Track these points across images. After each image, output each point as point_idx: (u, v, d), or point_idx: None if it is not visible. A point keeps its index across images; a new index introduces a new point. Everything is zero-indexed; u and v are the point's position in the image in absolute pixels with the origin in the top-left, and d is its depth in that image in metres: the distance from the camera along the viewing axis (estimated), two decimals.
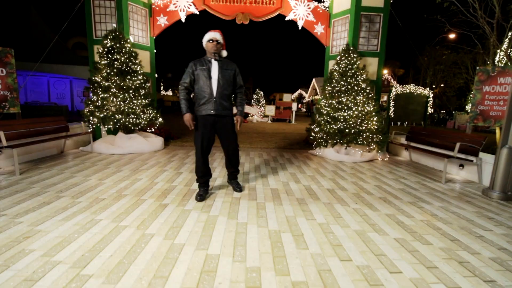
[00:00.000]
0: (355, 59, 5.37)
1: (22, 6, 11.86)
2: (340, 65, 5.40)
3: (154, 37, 6.48)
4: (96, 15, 5.68)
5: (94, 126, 5.06)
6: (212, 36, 2.83)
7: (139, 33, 6.16)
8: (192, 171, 4.11)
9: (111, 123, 4.86)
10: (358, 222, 2.50)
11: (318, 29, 6.60)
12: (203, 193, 2.98)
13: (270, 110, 14.76)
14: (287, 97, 16.01)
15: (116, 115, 4.85)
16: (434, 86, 20.95)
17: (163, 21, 6.37)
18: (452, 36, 17.53)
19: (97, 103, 4.89)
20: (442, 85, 21.24)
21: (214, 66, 2.84)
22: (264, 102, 18.17)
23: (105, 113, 4.84)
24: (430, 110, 11.98)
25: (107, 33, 5.04)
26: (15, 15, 11.72)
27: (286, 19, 6.54)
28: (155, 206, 2.71)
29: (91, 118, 4.90)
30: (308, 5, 6.45)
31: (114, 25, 5.39)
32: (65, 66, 11.51)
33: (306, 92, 40.32)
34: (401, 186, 3.76)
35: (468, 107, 13.68)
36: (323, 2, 6.64)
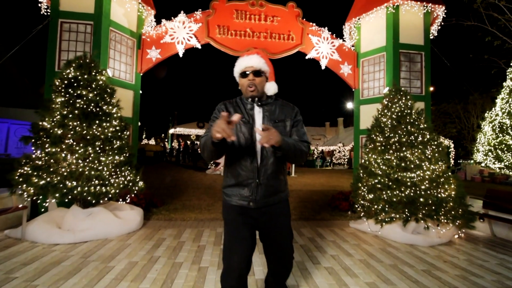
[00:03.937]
0: (410, 103, 4.11)
1: None
2: (392, 110, 4.08)
3: (141, 73, 5.03)
4: (64, 41, 4.20)
5: (29, 199, 3.09)
6: (245, 64, 1.51)
7: (122, 67, 4.68)
8: None
9: (57, 194, 2.94)
10: None
11: (345, 70, 5.51)
12: None
13: None
14: None
15: (67, 182, 2.96)
16: None
17: (154, 54, 5.00)
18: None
19: (40, 162, 3.03)
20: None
21: (258, 116, 1.55)
22: None
23: (48, 179, 2.95)
24: (451, 162, 11.14)
25: (71, 60, 3.44)
26: None
27: (307, 57, 5.44)
28: None
29: (24, 186, 2.97)
30: (332, 42, 5.46)
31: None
32: (29, 111, 9.69)
33: None
34: None
35: (476, 156, 13.00)
36: (344, 40, 5.73)
